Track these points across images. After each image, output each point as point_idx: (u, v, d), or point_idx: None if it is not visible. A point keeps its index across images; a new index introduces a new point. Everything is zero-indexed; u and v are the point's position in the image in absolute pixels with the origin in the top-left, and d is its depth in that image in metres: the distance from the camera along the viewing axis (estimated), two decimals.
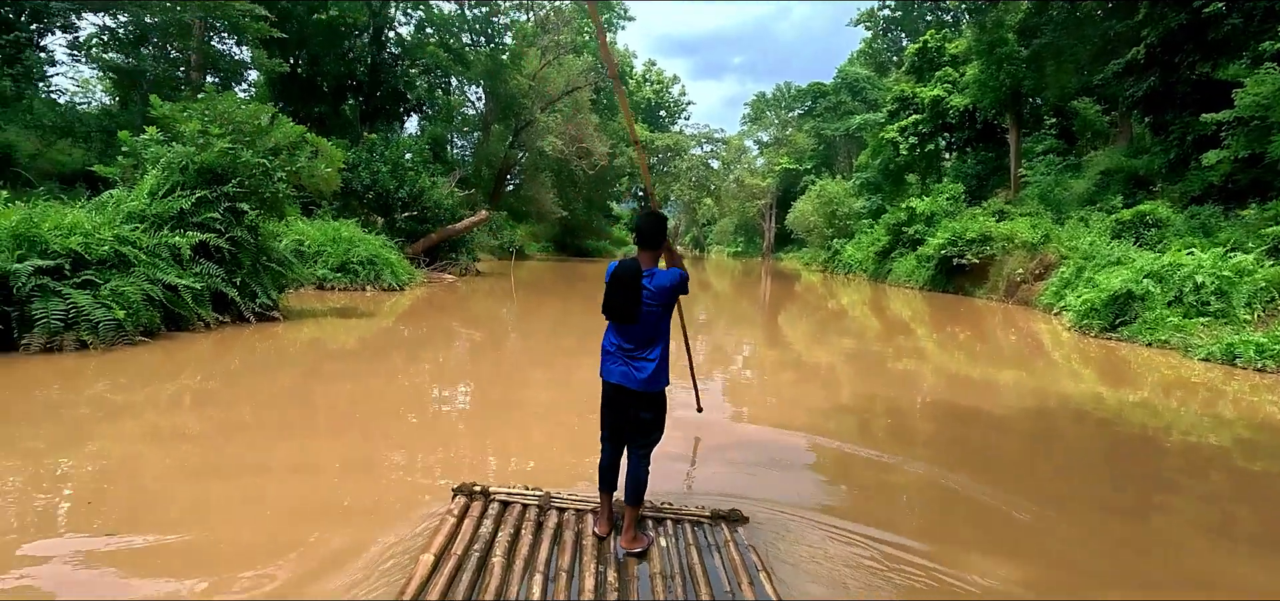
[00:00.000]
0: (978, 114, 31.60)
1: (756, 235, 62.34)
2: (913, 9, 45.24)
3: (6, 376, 6.28)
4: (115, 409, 5.81)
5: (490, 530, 3.31)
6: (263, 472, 4.52)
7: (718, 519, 3.72)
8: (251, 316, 9.32)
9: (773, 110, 60.42)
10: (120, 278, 7.49)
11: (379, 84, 29.32)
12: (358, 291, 14.32)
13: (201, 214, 8.84)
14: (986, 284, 22.11)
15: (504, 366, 9.07)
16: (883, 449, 5.88)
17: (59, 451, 4.64)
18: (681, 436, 5.63)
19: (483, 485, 3.76)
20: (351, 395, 6.84)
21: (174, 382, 6.73)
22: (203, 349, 8.07)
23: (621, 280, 3.20)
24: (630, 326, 3.25)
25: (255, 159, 9.28)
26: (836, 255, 35.87)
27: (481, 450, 5.37)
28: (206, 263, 8.76)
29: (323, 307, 12.16)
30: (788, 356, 11.69)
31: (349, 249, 14.56)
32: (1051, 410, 7.73)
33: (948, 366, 10.72)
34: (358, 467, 4.70)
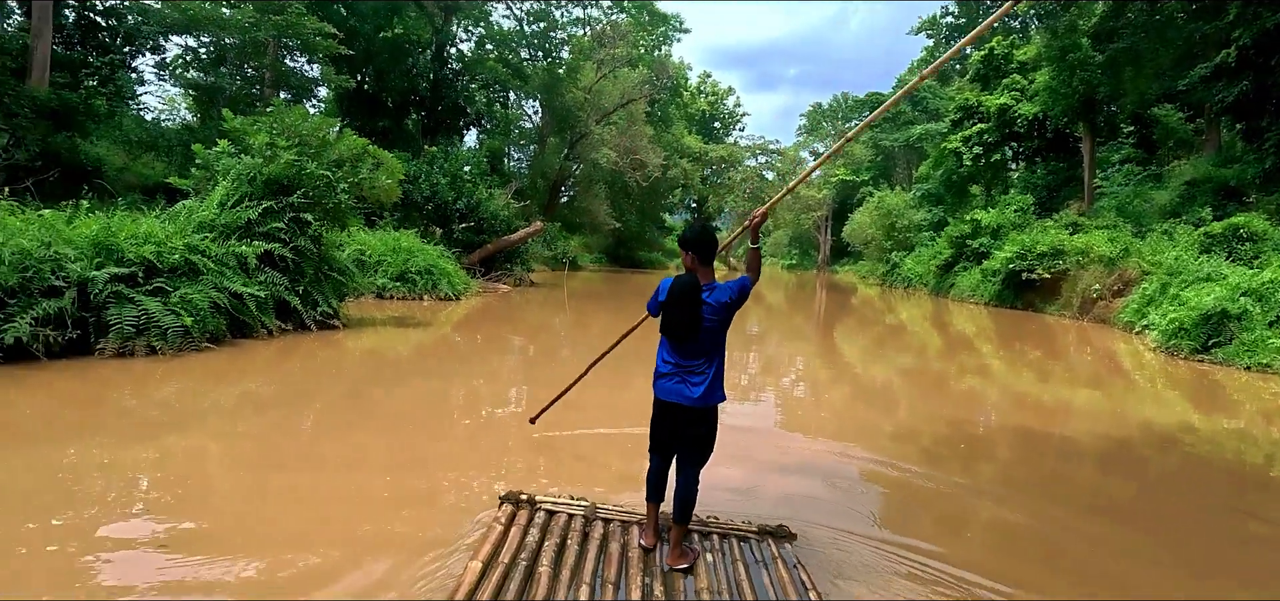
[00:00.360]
0: (1048, 122, 30.22)
1: (811, 248, 61.16)
2: (979, 15, 43.68)
3: (83, 380, 6.50)
4: (182, 412, 5.93)
5: (537, 538, 3.31)
6: (318, 476, 4.59)
7: (765, 534, 3.65)
8: (312, 324, 9.49)
9: (829, 121, 59.34)
10: (189, 285, 7.71)
11: (440, 99, 30.03)
12: (415, 300, 14.54)
13: (267, 224, 9.06)
14: (1059, 300, 20.96)
15: (555, 376, 8.95)
16: (943, 471, 5.55)
17: (130, 450, 4.80)
18: (730, 450, 5.49)
19: (529, 493, 3.74)
20: (406, 402, 6.85)
21: (237, 387, 6.85)
22: (266, 355, 8.23)
23: (682, 298, 3.11)
24: (688, 343, 3.17)
25: (319, 171, 9.48)
26: (895, 268, 34.77)
27: (531, 459, 5.27)
28: (271, 271, 8.97)
29: (381, 316, 12.36)
30: (843, 372, 11.27)
31: (407, 259, 14.82)
32: (1133, 437, 7.10)
33: (1016, 386, 10.09)
34: (410, 472, 4.72)
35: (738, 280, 3.25)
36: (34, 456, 4.57)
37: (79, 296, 6.86)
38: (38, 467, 4.35)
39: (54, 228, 7.11)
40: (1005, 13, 5.28)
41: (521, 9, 34.55)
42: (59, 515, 3.64)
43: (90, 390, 6.28)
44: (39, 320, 6.50)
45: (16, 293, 6.51)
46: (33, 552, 3.24)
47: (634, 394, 6.77)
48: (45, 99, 14.71)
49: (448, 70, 30.71)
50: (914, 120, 47.35)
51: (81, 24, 23.60)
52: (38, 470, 4.30)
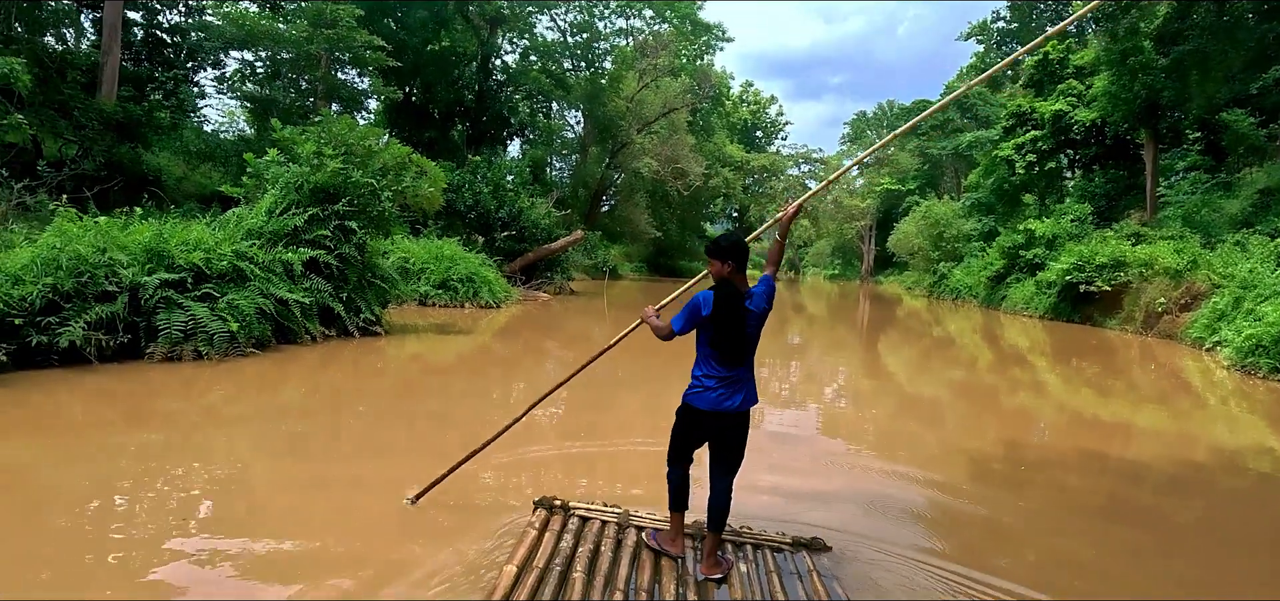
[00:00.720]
0: (1107, 129, 28.94)
1: (854, 257, 59.96)
2: (1032, 21, 42.33)
3: (134, 383, 6.60)
4: (226, 417, 5.98)
5: (571, 544, 3.31)
6: (357, 478, 4.63)
7: (799, 546, 3.61)
8: (355, 331, 9.54)
9: (873, 130, 58.16)
10: (236, 291, 7.81)
11: (485, 109, 30.41)
12: (457, 308, 14.60)
13: (313, 231, 9.16)
14: (1120, 314, 19.94)
15: (592, 386, 8.80)
16: (991, 488, 5.29)
17: (176, 454, 4.89)
18: (767, 458, 5.44)
19: (563, 500, 3.76)
20: (445, 407, 6.84)
21: (279, 393, 6.89)
22: (309, 361, 8.29)
23: (734, 313, 3.04)
24: (735, 354, 3.11)
25: (364, 179, 9.56)
26: (943, 279, 33.73)
27: (568, 466, 5.20)
28: (316, 278, 9.05)
29: (423, 323, 12.41)
30: (886, 384, 10.86)
31: (450, 267, 14.92)
32: (1202, 460, 6.58)
33: (1073, 403, 9.50)
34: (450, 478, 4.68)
35: (764, 282, 3.23)
36: (83, 460, 4.62)
37: (130, 301, 7.00)
38: (84, 470, 4.39)
39: (109, 234, 7.27)
40: (1080, 18, 5.10)
41: (565, 20, 34.86)
42: (115, 522, 3.68)
43: (139, 394, 6.37)
44: (92, 324, 6.63)
45: (72, 297, 6.66)
46: (96, 558, 3.28)
47: (669, 403, 6.54)
48: (112, 111, 15.30)
49: (492, 81, 31.09)
50: (962, 128, 45.98)
51: (149, 41, 24.72)
52: (84, 472, 4.34)
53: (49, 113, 14.39)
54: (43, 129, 14.78)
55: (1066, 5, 42.74)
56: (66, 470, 4.41)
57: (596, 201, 35.48)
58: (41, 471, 4.43)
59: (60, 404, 5.93)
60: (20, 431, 5.18)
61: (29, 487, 4.16)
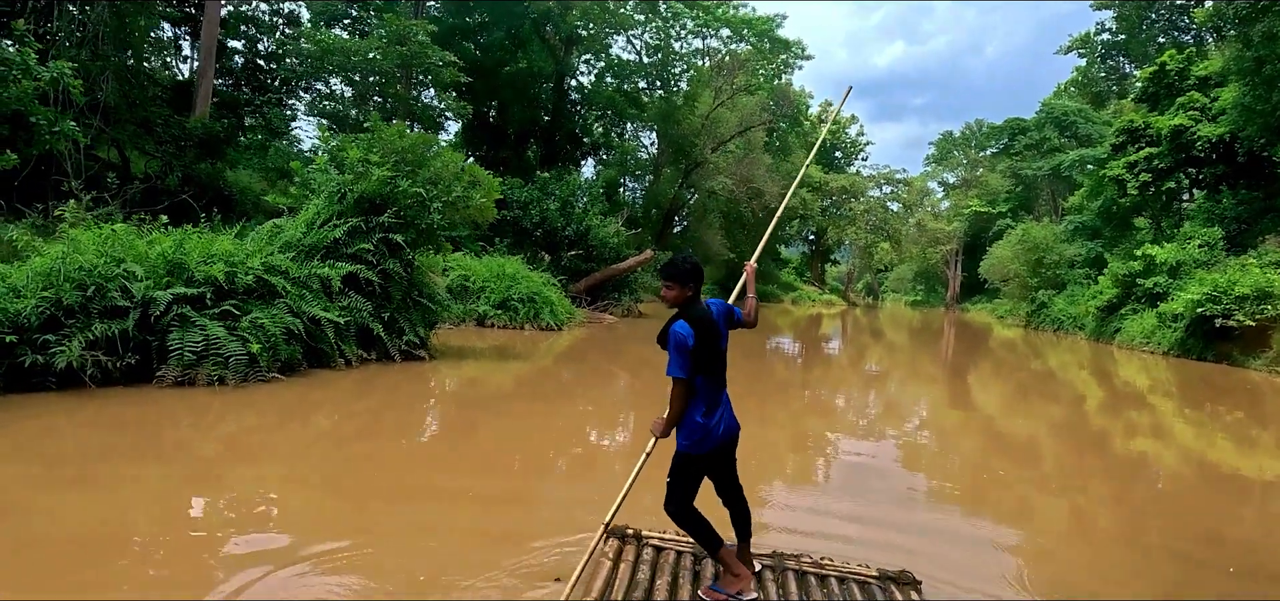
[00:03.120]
0: (1238, 145, 25.45)
1: (938, 283, 56.10)
2: (1141, 30, 38.47)
3: (139, 409, 5.76)
4: (233, 452, 5.04)
5: (647, 575, 3.13)
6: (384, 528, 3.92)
7: (887, 579, 3.34)
8: (397, 355, 8.57)
9: (960, 150, 54.47)
10: (261, 309, 6.93)
11: (558, 128, 29.84)
12: (516, 330, 13.58)
13: (355, 245, 8.28)
14: (1268, 353, 16.93)
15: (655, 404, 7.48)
16: (1099, 538, 4.71)
17: (177, 497, 4.19)
18: (843, 491, 5.23)
19: (635, 528, 3.53)
20: (488, 443, 5.86)
21: (292, 427, 5.90)
22: (340, 389, 7.32)
23: (712, 334, 2.85)
24: (719, 375, 2.95)
25: (413, 189, 8.63)
26: (1043, 308, 30.51)
27: (633, 496, 4.22)
28: (355, 296, 8.15)
29: (477, 346, 11.43)
30: (976, 418, 9.59)
31: (510, 286, 13.92)
32: None
33: (1205, 452, 7.82)
34: (503, 506, 4.40)
35: (718, 301, 3.07)
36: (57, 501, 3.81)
37: (141, 318, 6.19)
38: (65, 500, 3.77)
39: (126, 244, 6.53)
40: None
41: (641, 40, 34.03)
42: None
43: (143, 423, 5.51)
44: (94, 343, 5.83)
45: (76, 312, 5.89)
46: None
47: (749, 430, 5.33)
48: (193, 127, 15.30)
49: (567, 101, 30.54)
50: (1061, 147, 42.16)
51: (248, 67, 25.59)
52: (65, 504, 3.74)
53: (133, 128, 14.46)
54: (128, 144, 14.96)
55: (1181, 13, 38.66)
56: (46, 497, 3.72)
57: (668, 221, 34.17)
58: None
59: (48, 430, 5.11)
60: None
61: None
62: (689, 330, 2.78)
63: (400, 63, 20.27)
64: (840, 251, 61.23)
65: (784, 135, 39.75)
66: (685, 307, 2.85)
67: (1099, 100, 44.36)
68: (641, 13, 32.45)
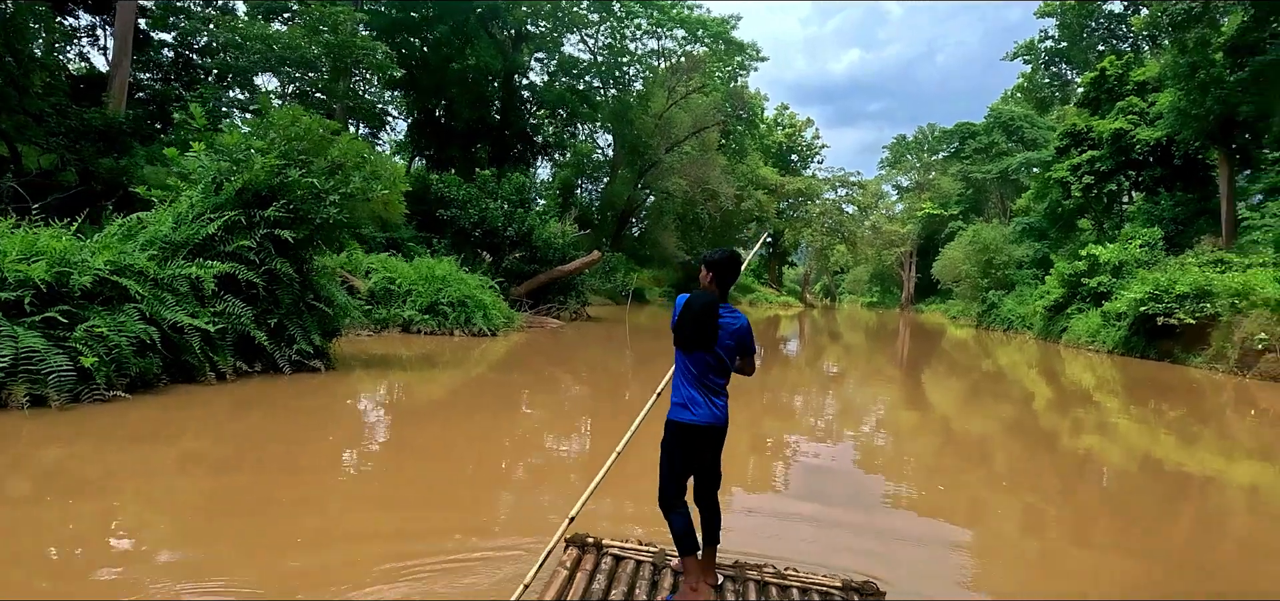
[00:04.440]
0: (1175, 148, 25.83)
1: (893, 285, 56.50)
2: (1082, 38, 39.15)
3: None
4: (63, 486, 3.96)
5: (604, 585, 3.02)
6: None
7: (851, 590, 3.18)
8: (286, 366, 7.53)
9: (913, 153, 54.98)
10: (103, 316, 5.85)
11: (509, 126, 28.76)
12: (445, 336, 12.54)
13: (234, 242, 7.22)
14: (1207, 351, 16.90)
15: (626, 410, 6.59)
16: (1054, 534, 4.75)
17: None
18: (803, 500, 5.00)
19: (596, 537, 3.38)
20: (385, 469, 5.09)
21: (145, 454, 4.87)
22: (209, 408, 6.25)
23: (700, 308, 2.88)
24: (707, 360, 2.92)
25: (305, 179, 7.60)
26: (993, 309, 30.60)
27: (598, 496, 3.53)
28: (233, 300, 7.09)
29: (397, 354, 10.39)
30: (936, 420, 9.23)
31: (440, 289, 12.87)
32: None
33: (1151, 451, 7.74)
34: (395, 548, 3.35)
35: (745, 322, 3.05)
36: None
37: None
38: None
39: None
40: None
41: (594, 39, 33.18)
42: None
43: None
44: None
45: None
46: None
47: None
48: (91, 119, 13.88)
49: (518, 99, 29.48)
50: (1008, 151, 42.74)
51: (178, 61, 24.01)
52: None
53: (22, 118, 13.01)
54: (16, 136, 13.47)
55: (1119, 22, 39.48)
56: None
57: (623, 223, 33.35)
58: None
59: None
60: None
61: None
62: (682, 302, 2.93)
63: (326, 51, 18.97)
64: (797, 253, 61.26)
65: (740, 137, 39.33)
66: (705, 291, 2.97)
67: (1043, 105, 45.13)
68: (595, 12, 31.66)
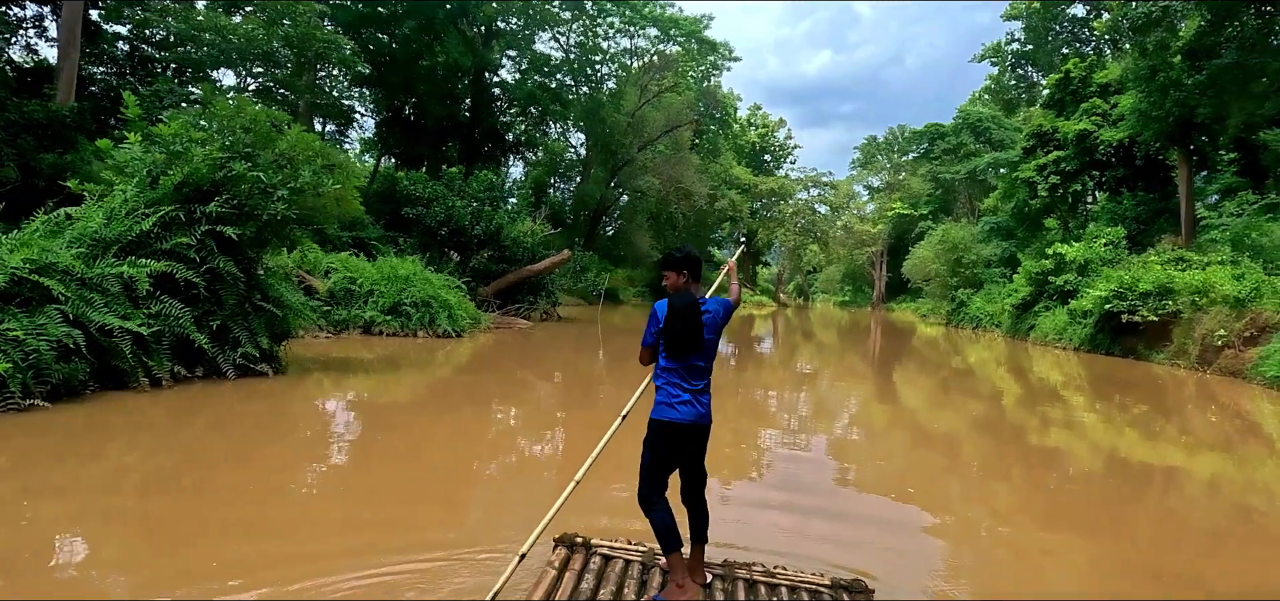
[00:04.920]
0: (1136, 149, 26.34)
1: (865, 284, 56.99)
2: (1047, 40, 39.82)
3: None
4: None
5: (592, 585, 2.99)
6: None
7: (840, 588, 3.15)
8: (230, 370, 7.07)
9: (884, 154, 55.51)
10: (18, 318, 5.37)
11: (478, 124, 28.20)
12: (408, 337, 12.09)
13: (171, 239, 6.74)
14: (1169, 347, 17.14)
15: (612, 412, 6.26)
16: (1021, 523, 4.82)
17: None
18: (782, 496, 4.96)
19: (584, 536, 3.34)
20: (337, 481, 4.54)
21: (69, 469, 4.41)
22: (142, 416, 5.78)
23: (687, 313, 2.91)
24: (695, 361, 2.94)
25: (251, 173, 7.15)
26: (962, 307, 30.90)
27: (587, 498, 3.38)
28: (170, 300, 6.61)
29: (356, 357, 9.94)
30: (908, 417, 9.19)
31: (403, 289, 12.40)
32: None
33: (1118, 446, 7.76)
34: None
35: (721, 299, 3.17)
36: None
37: None
38: None
39: None
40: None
41: (567, 38, 32.77)
42: None
43: None
44: None
45: None
46: None
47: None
48: (31, 112, 13.14)
49: (488, 97, 28.93)
50: (976, 152, 43.32)
51: (134, 56, 23.14)
52: None
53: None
54: None
55: (1082, 26, 40.26)
56: None
57: (596, 222, 32.99)
58: None
59: None
60: None
61: None
62: (662, 306, 2.93)
63: (285, 43, 18.31)
64: (771, 253, 61.48)
65: (713, 137, 39.23)
66: (674, 294, 2.96)
67: (1010, 107, 45.83)
68: (567, 10, 31.25)
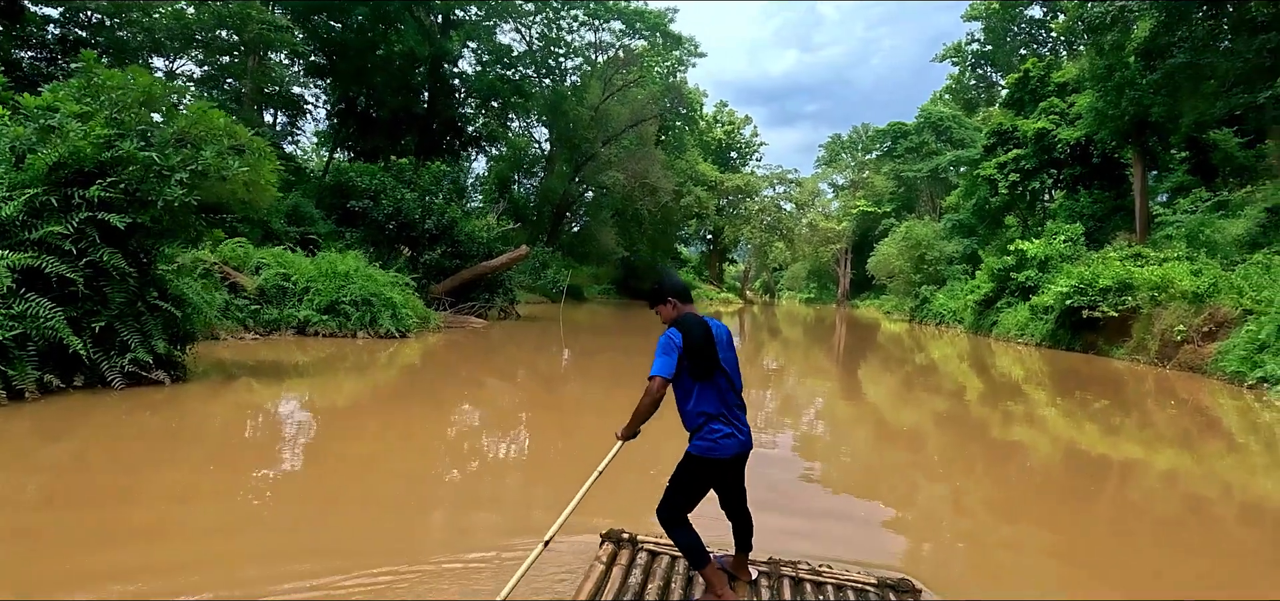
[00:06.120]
0: (1093, 147, 26.57)
1: (830, 281, 57.11)
2: (1006, 41, 40.25)
3: None
4: None
5: (640, 580, 2.99)
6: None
7: (885, 587, 3.14)
8: (117, 379, 6.12)
9: (848, 152, 55.69)
10: None
11: (436, 116, 27.07)
12: (347, 338, 11.14)
13: (43, 227, 5.79)
14: (1129, 342, 17.10)
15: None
16: (982, 517, 4.67)
17: None
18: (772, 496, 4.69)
19: (631, 532, 3.34)
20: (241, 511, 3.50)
21: None
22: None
23: (701, 330, 2.75)
24: (721, 382, 2.78)
25: (142, 153, 6.20)
26: (925, 303, 30.91)
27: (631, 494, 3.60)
28: (38, 299, 5.66)
29: (287, 360, 8.99)
30: (872, 412, 8.88)
31: (343, 286, 11.43)
32: None
33: (1077, 441, 7.67)
34: None
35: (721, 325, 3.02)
36: None
37: None
38: None
39: None
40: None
41: (530, 30, 31.81)
42: None
43: None
44: None
45: None
46: None
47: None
48: None
49: (447, 88, 27.81)
50: (937, 151, 43.60)
51: (64, 41, 21.70)
52: None
53: None
54: None
55: (1040, 28, 40.81)
56: None
57: (560, 218, 32.10)
58: None
59: None
60: None
61: None
62: (676, 336, 2.73)
63: (218, 22, 17.10)
64: (737, 250, 61.27)
65: (679, 133, 38.65)
66: (677, 321, 2.81)
67: (971, 107, 46.31)
68: (530, 2, 30.30)
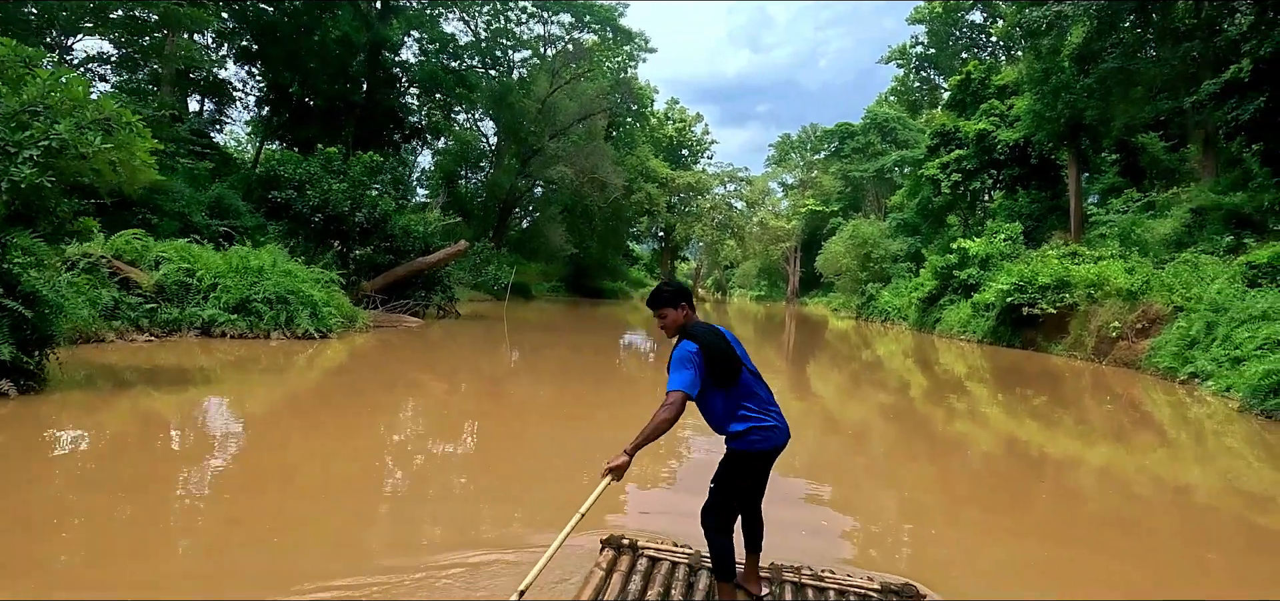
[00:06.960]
0: (1031, 149, 27.24)
1: (780, 279, 57.63)
2: (948, 45, 41.14)
3: None
4: None
5: (640, 586, 2.94)
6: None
7: (889, 592, 3.10)
8: None
9: (797, 152, 56.22)
10: None
11: (376, 105, 25.76)
12: (260, 340, 10.13)
13: None
14: (1066, 339, 17.40)
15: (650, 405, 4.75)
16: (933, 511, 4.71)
17: None
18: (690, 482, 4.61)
19: (631, 538, 3.28)
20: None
21: None
22: None
23: (722, 339, 2.73)
24: (747, 378, 2.74)
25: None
26: (871, 301, 31.24)
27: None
28: None
29: (163, 366, 7.98)
30: (820, 406, 8.43)
31: (255, 282, 10.40)
32: None
33: (1017, 435, 7.81)
34: None
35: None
36: None
37: None
38: None
39: None
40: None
41: (475, 19, 30.67)
42: None
43: None
44: None
45: None
46: None
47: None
48: None
49: (388, 77, 26.50)
50: (883, 151, 44.33)
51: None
52: None
53: None
54: None
55: (981, 32, 41.89)
56: None
57: (506, 213, 31.10)
58: None
59: None
60: None
61: None
62: (691, 349, 2.66)
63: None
64: (689, 248, 61.20)
65: (629, 129, 38.10)
66: (685, 330, 2.75)
67: (915, 108, 47.24)
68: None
